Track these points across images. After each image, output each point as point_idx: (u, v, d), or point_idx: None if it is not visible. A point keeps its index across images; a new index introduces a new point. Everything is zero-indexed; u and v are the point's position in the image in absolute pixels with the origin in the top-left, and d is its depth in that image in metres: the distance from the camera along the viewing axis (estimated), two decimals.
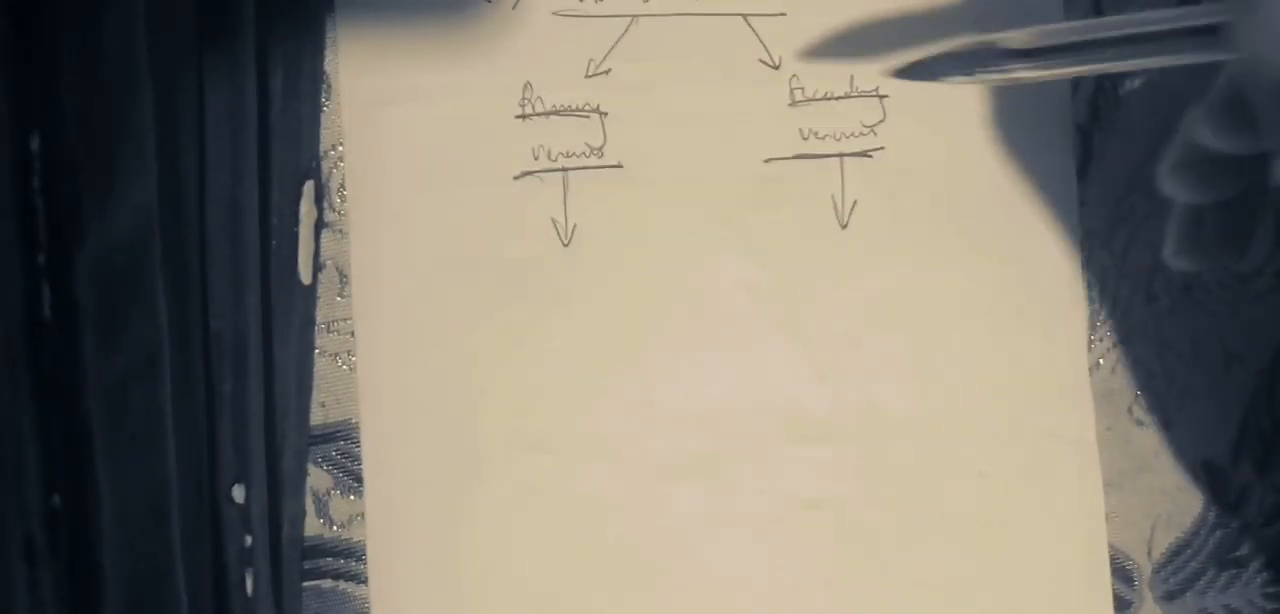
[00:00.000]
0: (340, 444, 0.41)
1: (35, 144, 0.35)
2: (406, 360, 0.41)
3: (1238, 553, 0.42)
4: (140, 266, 0.36)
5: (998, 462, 0.41)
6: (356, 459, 0.41)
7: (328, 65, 0.41)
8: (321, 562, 0.41)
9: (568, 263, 0.41)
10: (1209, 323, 0.42)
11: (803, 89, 0.42)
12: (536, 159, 0.41)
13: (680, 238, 0.41)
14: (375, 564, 0.41)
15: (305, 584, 0.41)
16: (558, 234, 0.41)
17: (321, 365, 0.41)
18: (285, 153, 0.40)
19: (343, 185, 0.41)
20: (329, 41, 0.41)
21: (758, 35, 0.42)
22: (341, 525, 0.41)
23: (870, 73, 0.42)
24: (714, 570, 0.41)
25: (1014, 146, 0.42)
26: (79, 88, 0.35)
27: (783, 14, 0.42)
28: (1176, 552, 0.42)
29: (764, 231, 0.42)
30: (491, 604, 0.41)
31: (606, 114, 0.41)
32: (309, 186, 0.41)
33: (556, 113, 0.41)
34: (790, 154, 0.42)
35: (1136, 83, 0.42)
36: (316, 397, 0.41)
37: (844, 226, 0.42)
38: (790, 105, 0.42)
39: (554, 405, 0.41)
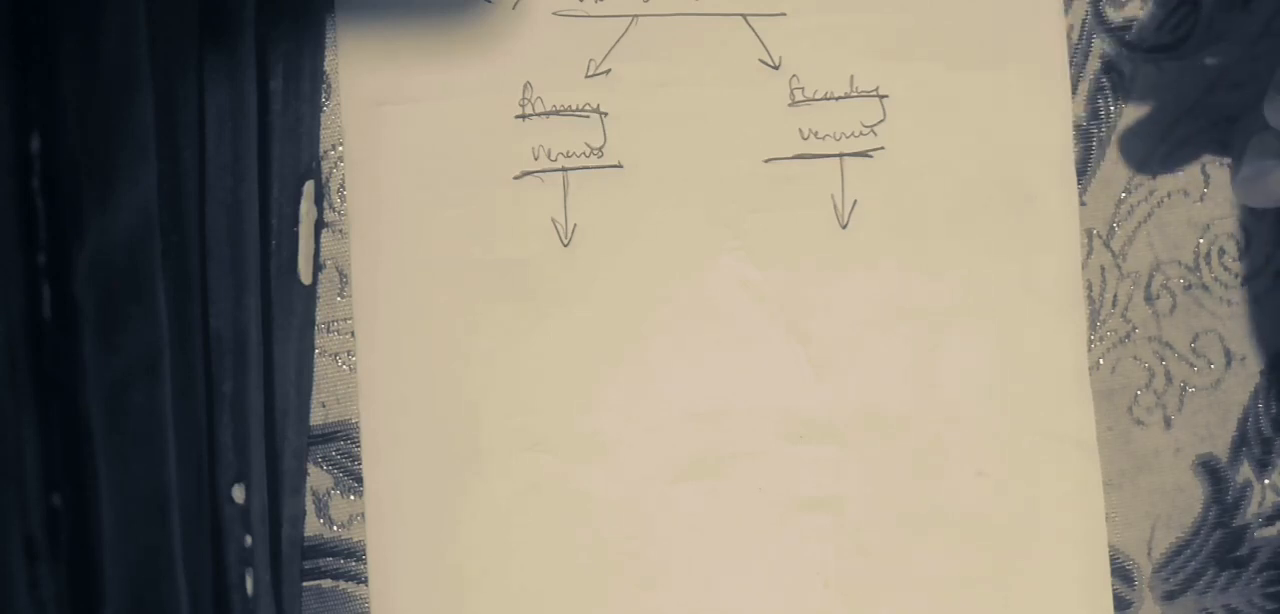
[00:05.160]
0: (340, 444, 0.41)
1: (35, 144, 0.35)
2: (406, 360, 0.41)
3: (1238, 553, 0.42)
4: (140, 266, 0.36)
5: (997, 461, 0.41)
6: (356, 459, 0.41)
7: (328, 65, 0.41)
8: (321, 562, 0.41)
9: (568, 263, 0.41)
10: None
11: (803, 89, 0.42)
12: (536, 159, 0.41)
13: (680, 238, 0.41)
14: (375, 564, 0.41)
15: (305, 584, 0.41)
16: (558, 234, 0.41)
17: (321, 365, 0.41)
18: (285, 153, 0.40)
19: (343, 185, 0.41)
20: (329, 41, 0.41)
21: (758, 35, 0.42)
22: (341, 525, 0.41)
23: (870, 73, 0.42)
24: (713, 570, 0.41)
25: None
26: (79, 88, 0.35)
27: (783, 14, 0.42)
28: (1176, 552, 0.42)
29: (764, 231, 0.42)
30: (490, 604, 0.41)
31: (606, 114, 0.41)
32: (309, 186, 0.41)
33: (556, 113, 0.41)
34: (790, 154, 0.42)
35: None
36: (316, 397, 0.41)
37: (844, 226, 0.42)
38: (790, 105, 0.42)
39: (554, 405, 0.41)
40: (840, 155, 0.42)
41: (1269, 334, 0.42)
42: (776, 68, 0.42)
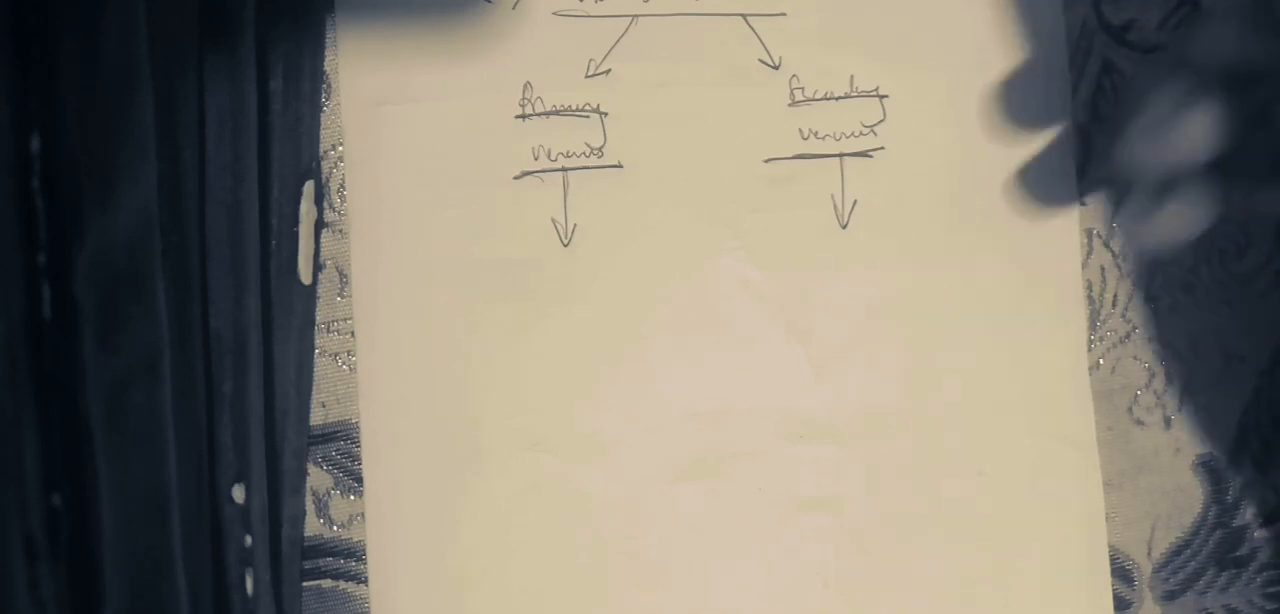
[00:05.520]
0: (340, 444, 0.41)
1: (35, 144, 0.35)
2: (406, 360, 0.41)
3: (1238, 553, 0.42)
4: (140, 266, 0.36)
5: (998, 461, 0.41)
6: (356, 459, 0.41)
7: (328, 65, 0.41)
8: (321, 562, 0.41)
9: (568, 262, 0.41)
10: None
11: (803, 89, 0.42)
12: (536, 159, 0.41)
13: (680, 238, 0.41)
14: (375, 564, 0.41)
15: (305, 584, 0.41)
16: (558, 234, 0.41)
17: (321, 365, 0.41)
18: (285, 153, 0.40)
19: (343, 185, 0.41)
20: (329, 41, 0.41)
21: (758, 35, 0.42)
22: (341, 525, 0.41)
23: (870, 73, 0.42)
24: (713, 570, 0.41)
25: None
26: (79, 88, 0.35)
27: (783, 14, 0.42)
28: (1176, 552, 0.42)
29: (764, 231, 0.42)
30: (491, 604, 0.41)
31: (606, 114, 0.41)
32: (309, 186, 0.41)
33: (556, 113, 0.41)
34: (790, 154, 0.42)
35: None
36: (316, 397, 0.41)
37: (844, 226, 0.42)
38: (790, 105, 0.42)
39: (553, 405, 0.41)
40: (840, 155, 0.42)
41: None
42: (776, 68, 0.42)
